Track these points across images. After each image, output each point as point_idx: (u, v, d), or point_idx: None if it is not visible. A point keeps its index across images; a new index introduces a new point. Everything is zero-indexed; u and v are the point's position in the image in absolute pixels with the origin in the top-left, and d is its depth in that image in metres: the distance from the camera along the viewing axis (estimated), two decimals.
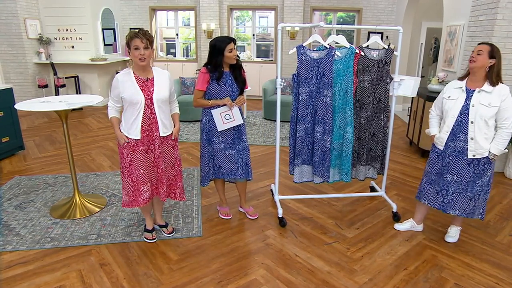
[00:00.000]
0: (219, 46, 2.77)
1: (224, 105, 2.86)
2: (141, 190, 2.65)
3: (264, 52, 11.28)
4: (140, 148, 2.59)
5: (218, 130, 2.92)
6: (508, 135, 2.56)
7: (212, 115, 2.90)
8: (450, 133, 2.69)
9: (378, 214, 3.41)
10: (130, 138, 2.57)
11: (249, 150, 3.13)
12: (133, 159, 2.59)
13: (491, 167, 2.67)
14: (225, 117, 2.88)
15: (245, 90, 3.04)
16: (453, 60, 5.25)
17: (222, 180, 3.24)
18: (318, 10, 9.17)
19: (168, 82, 2.64)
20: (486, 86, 2.56)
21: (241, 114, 2.99)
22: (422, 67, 8.53)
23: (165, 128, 2.65)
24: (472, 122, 2.58)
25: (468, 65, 2.65)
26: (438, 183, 2.81)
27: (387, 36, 8.37)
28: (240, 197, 3.34)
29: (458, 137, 2.65)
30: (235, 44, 2.84)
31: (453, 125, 2.67)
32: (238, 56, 2.93)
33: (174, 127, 2.76)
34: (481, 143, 2.59)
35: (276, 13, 9.00)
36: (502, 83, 2.58)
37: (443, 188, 2.78)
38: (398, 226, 3.17)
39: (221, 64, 2.83)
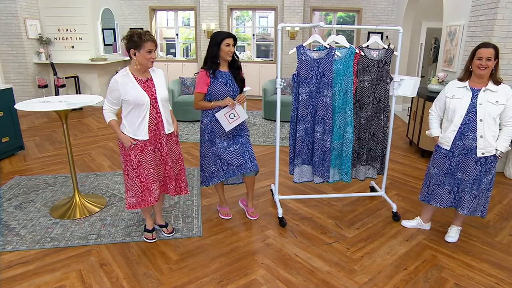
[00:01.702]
0: (217, 37, 2.79)
1: (226, 105, 2.87)
2: (151, 189, 2.66)
3: (264, 52, 11.29)
4: (149, 148, 2.60)
5: (226, 131, 2.91)
6: None
7: (215, 117, 2.89)
8: (458, 132, 2.69)
9: (378, 214, 3.41)
10: (137, 140, 2.55)
11: (250, 144, 3.11)
12: (141, 160, 2.59)
13: (495, 166, 2.72)
14: (230, 117, 2.87)
15: (244, 89, 3.05)
16: (453, 60, 5.25)
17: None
18: (318, 10, 9.17)
19: (164, 80, 2.68)
20: (491, 85, 2.60)
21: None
22: (422, 67, 8.53)
23: (169, 125, 2.69)
24: (481, 120, 2.60)
25: (475, 71, 2.61)
26: (449, 183, 2.82)
27: (387, 36, 8.38)
28: (247, 194, 3.29)
29: (467, 135, 2.66)
30: (235, 41, 2.83)
31: (461, 124, 2.67)
32: (237, 57, 2.94)
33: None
34: (490, 141, 2.62)
35: (276, 13, 9.00)
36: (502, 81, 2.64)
37: (454, 186, 2.82)
38: (405, 223, 3.19)
39: (216, 56, 2.82)
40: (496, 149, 2.64)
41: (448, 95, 2.77)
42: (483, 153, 2.64)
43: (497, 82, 2.60)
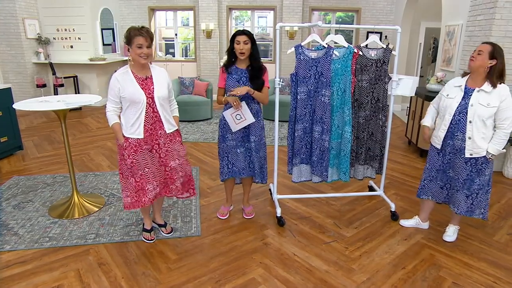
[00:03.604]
0: (232, 35, 2.83)
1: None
2: (146, 189, 2.61)
3: (263, 52, 11.29)
4: (144, 147, 2.55)
5: (233, 131, 2.92)
6: (506, 136, 2.57)
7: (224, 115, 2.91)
8: (448, 131, 2.71)
9: (377, 213, 3.42)
10: (132, 138, 2.52)
11: (259, 152, 3.04)
12: (134, 160, 2.54)
13: (490, 167, 2.68)
14: (236, 117, 2.86)
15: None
16: (451, 60, 5.26)
17: (233, 178, 3.20)
18: (317, 10, 9.17)
19: (166, 79, 2.63)
20: (486, 86, 2.56)
21: (260, 113, 2.99)
22: (421, 67, 8.54)
23: (170, 124, 2.63)
24: (470, 122, 2.59)
25: (468, 63, 2.65)
26: (441, 179, 2.86)
27: (385, 36, 8.38)
28: (243, 194, 3.34)
29: (456, 135, 2.67)
30: (250, 39, 2.79)
31: (451, 124, 2.68)
32: (257, 55, 2.85)
33: None
34: (479, 142, 2.60)
35: (275, 13, 9.00)
36: (504, 83, 2.56)
37: (447, 183, 2.85)
38: (404, 222, 3.19)
39: (231, 52, 2.85)
40: (487, 151, 2.61)
41: (443, 93, 2.79)
42: (471, 154, 2.64)
43: (494, 83, 2.53)
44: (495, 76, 2.53)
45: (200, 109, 6.87)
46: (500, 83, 2.54)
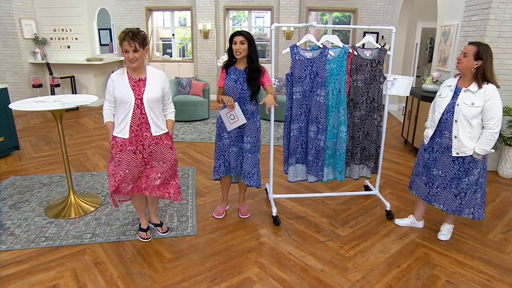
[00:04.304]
0: (230, 36, 2.85)
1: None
2: (120, 187, 2.62)
3: (260, 52, 11.31)
4: (128, 148, 2.54)
5: (228, 130, 2.95)
6: (492, 135, 2.56)
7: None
8: (437, 129, 2.77)
9: (372, 212, 3.44)
10: (118, 138, 2.54)
11: (253, 153, 3.00)
12: (120, 158, 2.54)
13: (479, 167, 2.68)
14: (230, 117, 2.88)
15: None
16: (447, 60, 5.29)
17: (229, 178, 3.22)
18: (314, 10, 9.19)
19: (161, 82, 2.59)
20: (472, 86, 2.58)
21: (257, 114, 3.00)
22: (418, 67, 8.57)
23: (158, 127, 2.60)
24: (456, 121, 2.63)
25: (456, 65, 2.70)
26: (426, 175, 2.90)
27: (382, 36, 8.41)
28: (239, 194, 3.35)
29: (444, 134, 2.72)
30: (247, 40, 2.79)
31: (440, 122, 2.74)
32: (254, 57, 2.84)
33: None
34: (464, 142, 2.62)
35: (272, 13, 9.01)
36: (492, 83, 2.55)
37: (430, 181, 2.88)
38: (399, 221, 3.22)
39: (230, 53, 2.88)
40: (473, 151, 2.63)
41: (438, 93, 2.85)
42: (457, 153, 2.67)
43: (480, 84, 2.54)
44: (481, 76, 2.55)
45: (197, 109, 6.88)
46: (487, 83, 2.54)
